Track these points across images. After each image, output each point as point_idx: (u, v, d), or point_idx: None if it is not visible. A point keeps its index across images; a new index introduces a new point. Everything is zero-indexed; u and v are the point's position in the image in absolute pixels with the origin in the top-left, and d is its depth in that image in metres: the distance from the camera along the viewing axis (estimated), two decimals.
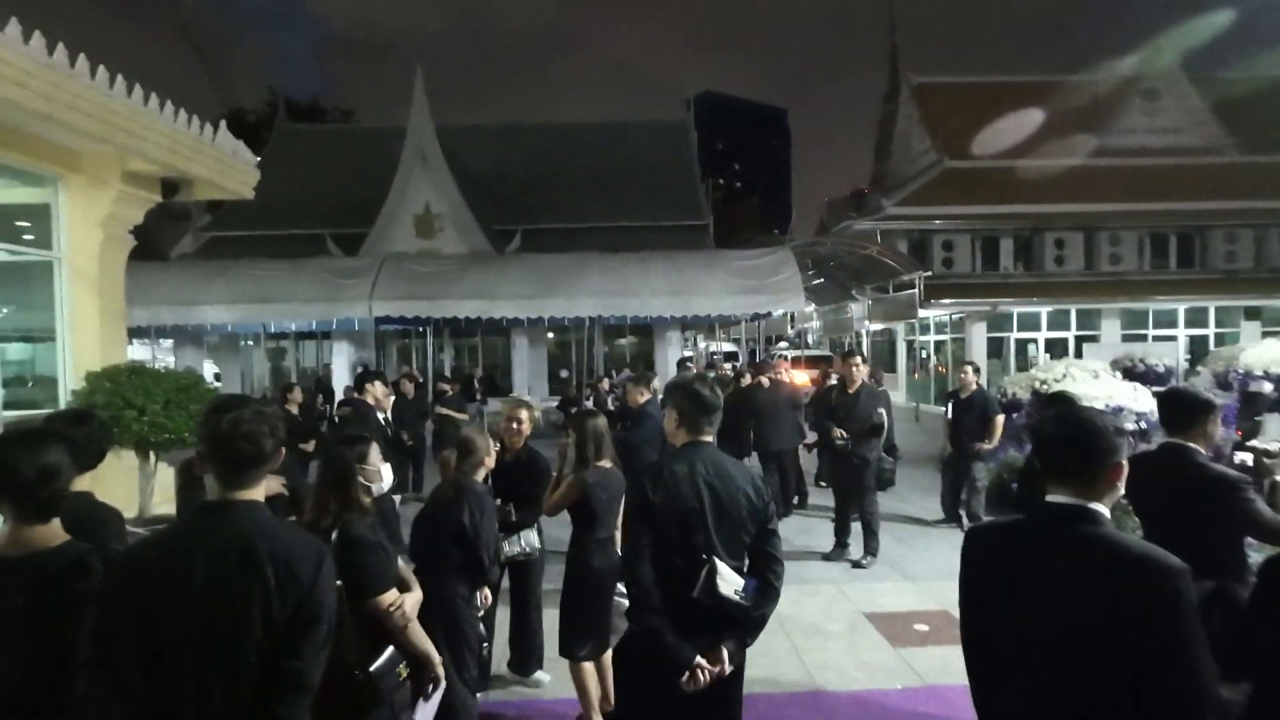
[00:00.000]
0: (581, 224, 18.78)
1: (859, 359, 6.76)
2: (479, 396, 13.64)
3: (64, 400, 6.30)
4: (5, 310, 6.91)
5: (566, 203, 19.58)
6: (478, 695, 3.30)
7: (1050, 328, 19.40)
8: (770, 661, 4.32)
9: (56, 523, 1.80)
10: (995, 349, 18.95)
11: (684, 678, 2.15)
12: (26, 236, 6.91)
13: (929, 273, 17.26)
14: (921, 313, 17.31)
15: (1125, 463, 1.73)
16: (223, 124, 7.58)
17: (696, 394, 2.38)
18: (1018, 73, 24.28)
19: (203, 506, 1.68)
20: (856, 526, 6.38)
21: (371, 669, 2.20)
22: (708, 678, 2.16)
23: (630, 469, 3.44)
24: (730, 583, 2.18)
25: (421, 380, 11.78)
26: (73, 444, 2.06)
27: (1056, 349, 18.37)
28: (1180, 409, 2.90)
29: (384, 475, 2.87)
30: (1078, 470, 1.71)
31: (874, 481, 6.36)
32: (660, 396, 6.57)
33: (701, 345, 25.63)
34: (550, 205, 19.44)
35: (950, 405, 7.62)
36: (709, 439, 2.40)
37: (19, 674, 1.66)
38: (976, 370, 7.77)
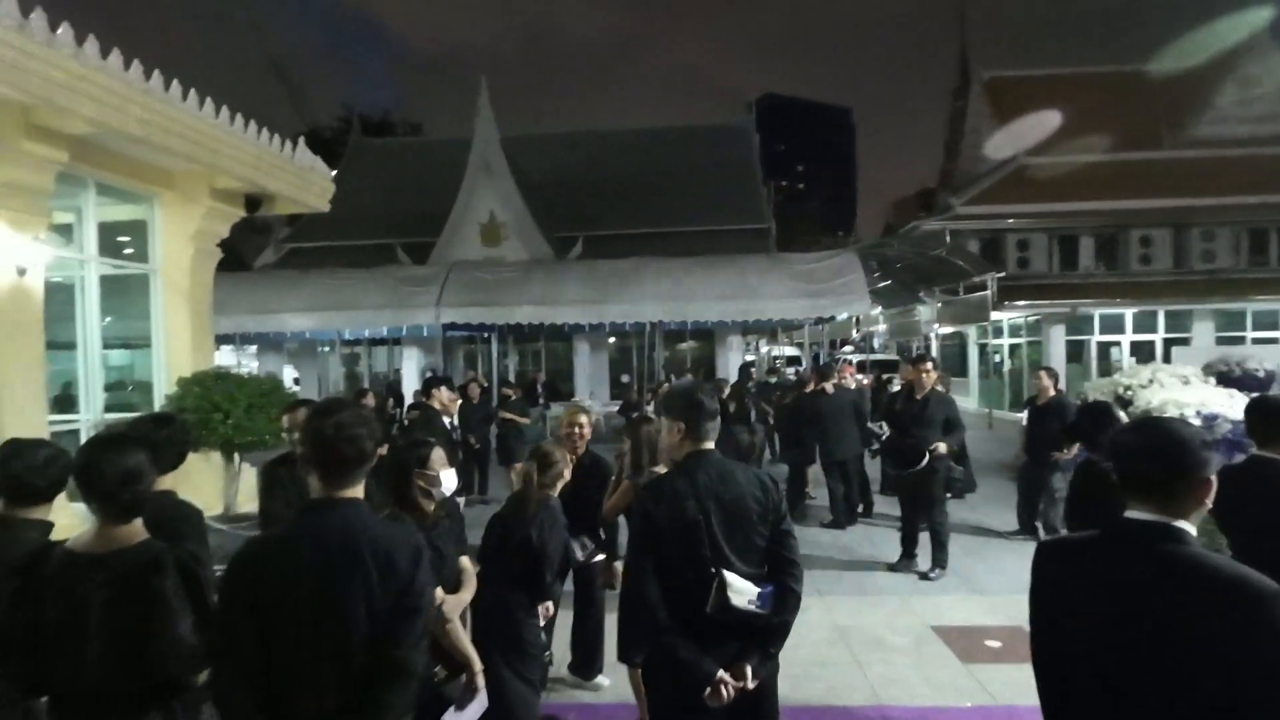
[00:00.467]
0: (642, 229, 18.86)
1: (929, 364, 6.56)
2: (541, 401, 13.86)
3: (159, 403, 6.74)
4: (109, 319, 7.46)
5: (628, 209, 19.71)
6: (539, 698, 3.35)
7: (1136, 330, 18.36)
8: (831, 674, 4.24)
9: (138, 522, 1.92)
10: (1075, 352, 18.05)
11: (707, 693, 2.09)
12: (127, 251, 7.43)
13: (1002, 273, 16.59)
14: (994, 315, 16.68)
15: (1214, 478, 1.62)
16: (301, 141, 7.97)
17: (700, 402, 2.31)
18: (1096, 63, 23.07)
19: (309, 505, 1.78)
20: (925, 537, 6.19)
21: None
22: (732, 692, 2.11)
23: None
24: (743, 593, 2.12)
25: (487, 385, 12.07)
26: (156, 445, 2.20)
27: (1143, 352, 17.35)
28: (1269, 419, 2.71)
29: (445, 480, 2.89)
30: (1161, 486, 1.61)
31: (942, 491, 6.16)
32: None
33: (764, 350, 25.36)
34: (612, 211, 19.61)
35: (1027, 412, 7.32)
36: (710, 446, 2.32)
37: (101, 661, 1.78)
38: (1054, 376, 7.44)
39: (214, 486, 7.02)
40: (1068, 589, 1.74)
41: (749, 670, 2.14)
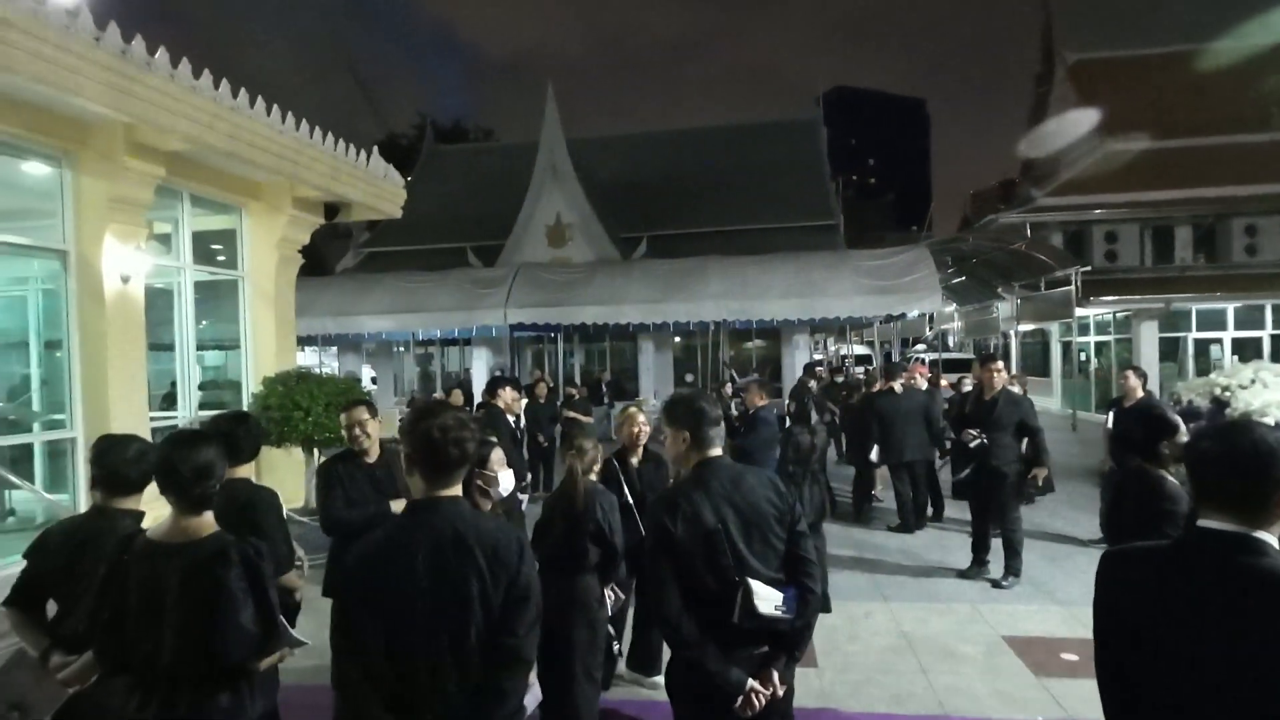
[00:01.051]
0: (708, 228, 18.80)
1: (999, 364, 6.31)
2: (606, 400, 14.02)
3: (246, 401, 7.16)
4: (203, 323, 7.99)
5: (694, 208, 19.68)
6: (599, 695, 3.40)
7: (1238, 326, 17.03)
8: (894, 681, 4.14)
9: (209, 515, 2.07)
10: (1169, 351, 16.94)
11: (738, 704, 2.07)
12: (219, 259, 7.93)
13: (1087, 267, 15.70)
14: (1079, 311, 15.79)
15: None
16: (374, 150, 8.32)
17: (702, 409, 2.28)
18: (1191, 40, 21.43)
19: (415, 504, 1.86)
20: (998, 544, 5.96)
21: None
22: (762, 701, 2.08)
23: None
24: (768, 600, 2.08)
25: (553, 385, 12.29)
26: (234, 440, 2.36)
27: (1247, 350, 16.11)
28: None
29: (503, 480, 2.97)
30: (1242, 496, 1.52)
31: (1015, 495, 5.91)
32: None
33: (832, 348, 24.85)
34: (677, 211, 19.61)
35: (1112, 414, 6.93)
36: (718, 452, 2.29)
37: (175, 643, 1.93)
38: (1142, 375, 7.01)
39: (295, 480, 7.42)
40: (1137, 601, 1.67)
41: (776, 676, 2.11)
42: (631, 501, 3.79)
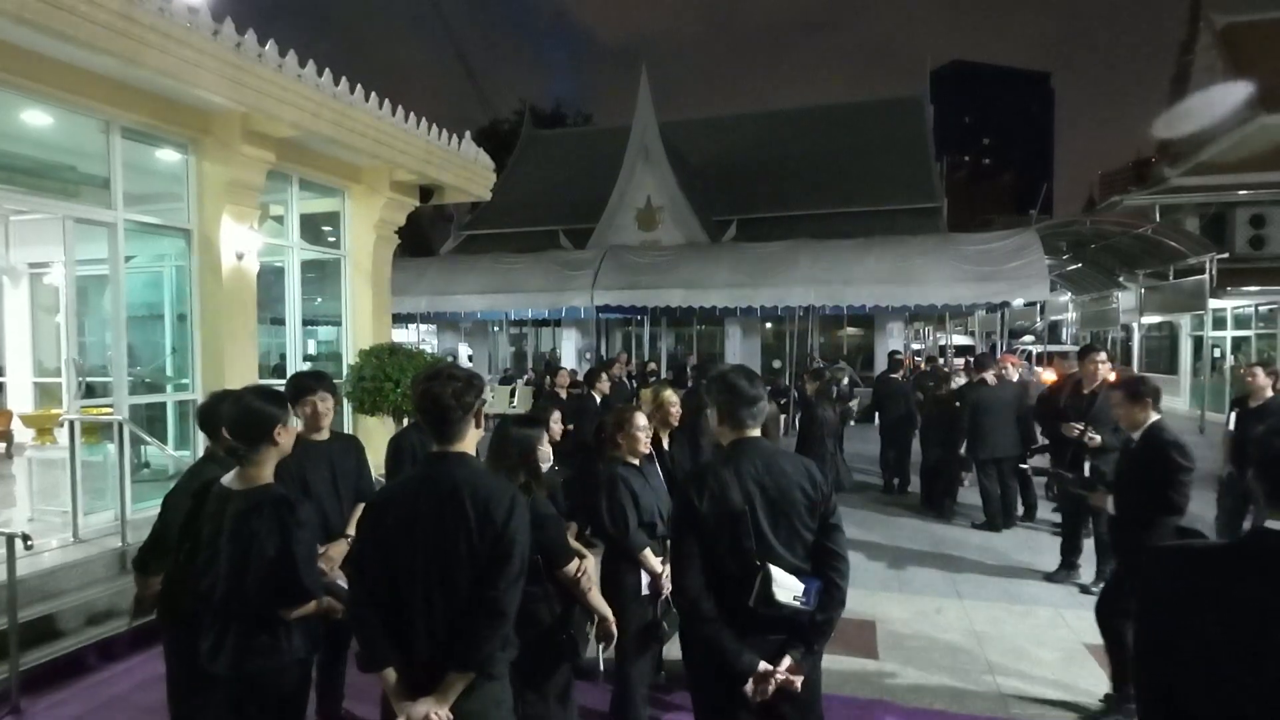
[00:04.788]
0: (801, 211, 18.36)
1: (1102, 355, 5.88)
2: (690, 384, 13.99)
3: (344, 372, 7.65)
4: (318, 300, 8.58)
5: (789, 190, 19.26)
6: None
7: None
8: (957, 678, 3.99)
9: (268, 467, 2.27)
10: None
11: (748, 686, 2.05)
12: (329, 240, 8.47)
13: (1225, 254, 14.21)
14: (1214, 303, 14.34)
15: None
16: (467, 134, 8.63)
17: (733, 385, 2.24)
18: None
19: (428, 457, 2.05)
20: (1091, 547, 5.59)
21: (572, 629, 2.52)
22: (774, 685, 2.05)
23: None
24: (787, 588, 2.04)
25: (630, 368, 12.41)
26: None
27: None
28: None
29: (547, 456, 3.01)
30: None
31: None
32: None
33: (933, 338, 23.73)
34: (770, 194, 19.26)
35: (1234, 415, 6.30)
36: (754, 433, 2.24)
37: (224, 581, 2.14)
38: (1273, 372, 6.32)
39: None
40: (1189, 606, 1.53)
41: (789, 664, 2.09)
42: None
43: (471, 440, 2.02)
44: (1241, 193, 16.21)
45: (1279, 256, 16.02)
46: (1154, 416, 3.85)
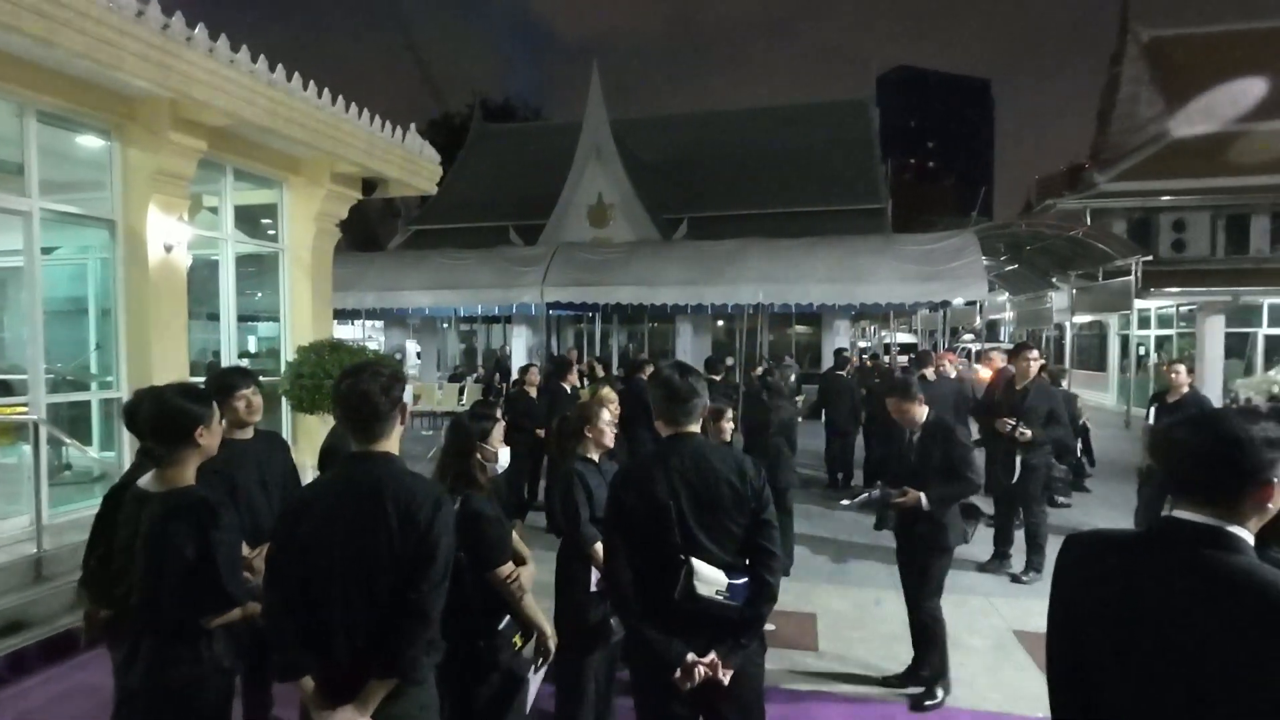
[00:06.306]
0: (752, 210, 18.57)
1: (1034, 353, 6.10)
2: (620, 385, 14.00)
3: (282, 369, 7.41)
4: (257, 295, 8.27)
5: (738, 189, 19.45)
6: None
7: None
8: (893, 668, 4.09)
9: (190, 469, 2.16)
10: (1237, 346, 16.05)
11: (677, 675, 2.08)
12: (270, 232, 8.19)
13: (1149, 257, 14.94)
14: (1139, 303, 15.08)
15: (1278, 482, 1.42)
16: (412, 127, 8.43)
17: (668, 381, 2.26)
18: (1274, 16, 19.90)
19: (348, 457, 1.96)
20: (1021, 538, 5.79)
21: (492, 638, 2.41)
22: (701, 675, 2.08)
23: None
24: (710, 583, 2.06)
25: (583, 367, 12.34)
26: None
27: None
28: None
29: (501, 456, 2.95)
30: (1214, 488, 1.43)
31: (1040, 489, 5.72)
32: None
33: (878, 336, 24.32)
34: (720, 192, 19.42)
35: (1153, 410, 6.62)
36: (692, 429, 2.26)
37: (139, 588, 2.03)
38: (1191, 370, 6.66)
39: None
40: (1096, 590, 1.57)
41: (717, 657, 2.10)
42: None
43: (396, 438, 1.97)
44: (1164, 198, 17.06)
45: (1199, 260, 16.91)
46: (926, 410, 3.91)
